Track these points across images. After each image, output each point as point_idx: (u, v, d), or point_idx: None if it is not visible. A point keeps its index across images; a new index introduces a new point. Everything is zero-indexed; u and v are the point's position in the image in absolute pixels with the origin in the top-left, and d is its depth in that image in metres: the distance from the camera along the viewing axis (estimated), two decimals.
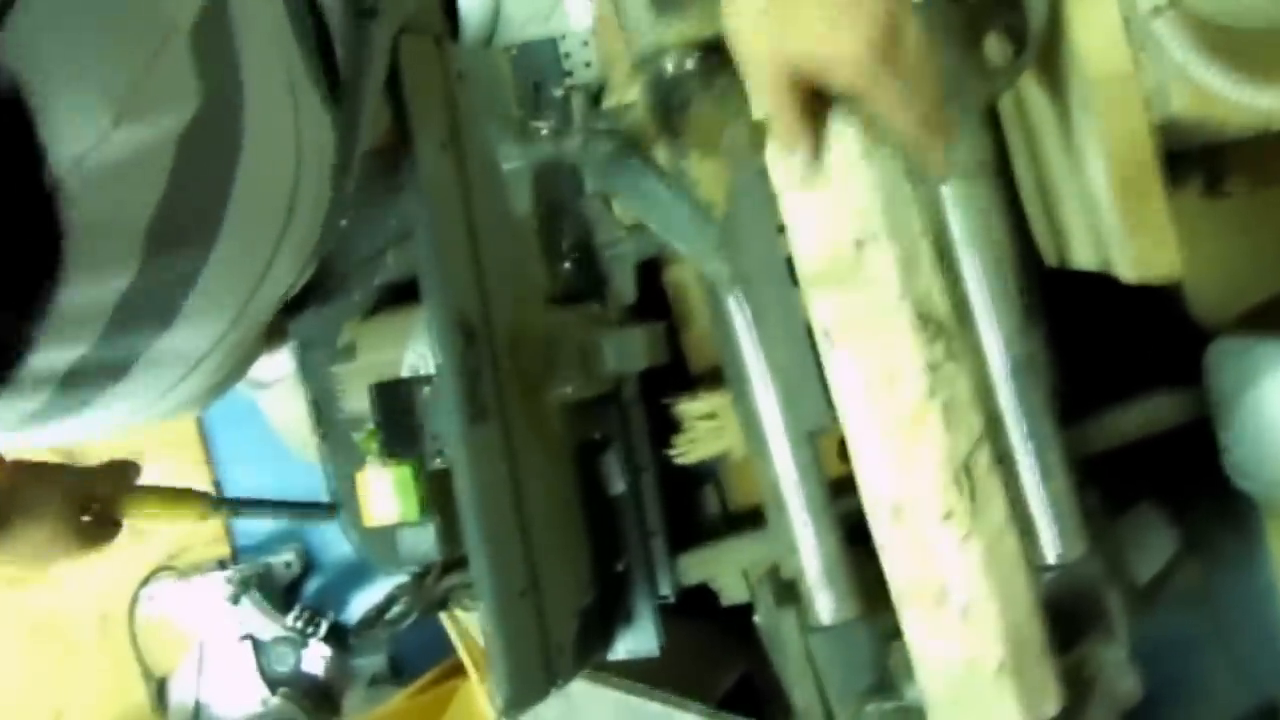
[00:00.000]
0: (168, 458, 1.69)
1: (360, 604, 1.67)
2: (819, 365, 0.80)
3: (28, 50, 0.43)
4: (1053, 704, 0.75)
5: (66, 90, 0.45)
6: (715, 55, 0.88)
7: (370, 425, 1.10)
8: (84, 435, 0.66)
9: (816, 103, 0.64)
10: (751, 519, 1.03)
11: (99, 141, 0.47)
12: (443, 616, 1.41)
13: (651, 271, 1.09)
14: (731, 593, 1.05)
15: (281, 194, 0.65)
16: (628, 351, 1.00)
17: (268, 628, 1.64)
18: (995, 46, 0.84)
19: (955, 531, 0.73)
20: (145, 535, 1.65)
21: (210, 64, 0.54)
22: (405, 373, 1.02)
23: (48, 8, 0.43)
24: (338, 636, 1.64)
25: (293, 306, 1.03)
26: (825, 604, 0.88)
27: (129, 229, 0.52)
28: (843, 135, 0.71)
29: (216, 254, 0.59)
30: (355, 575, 1.70)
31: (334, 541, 1.71)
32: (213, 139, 0.56)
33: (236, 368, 0.75)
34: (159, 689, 1.70)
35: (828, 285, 0.74)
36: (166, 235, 0.53)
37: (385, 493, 1.07)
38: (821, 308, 0.75)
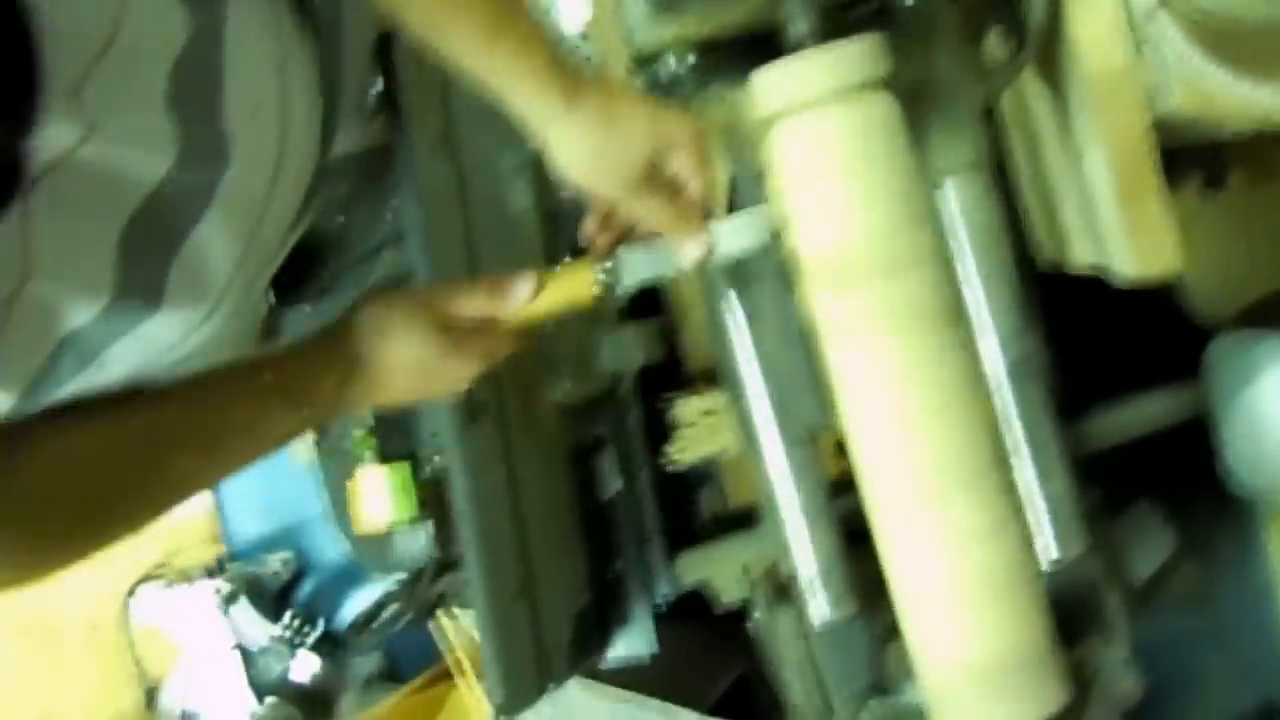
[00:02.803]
0: None
1: (352, 609, 1.65)
2: (815, 365, 0.80)
3: None
4: (1056, 702, 0.74)
5: None
6: (713, 55, 0.87)
7: (365, 427, 1.10)
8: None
9: None
10: (748, 519, 1.03)
11: None
12: (435, 620, 1.41)
13: None
14: (728, 594, 1.04)
15: (271, 108, 0.67)
16: (623, 350, 1.00)
17: (258, 635, 1.62)
18: (994, 44, 0.84)
19: (955, 530, 0.73)
20: (133, 543, 1.63)
21: None
22: None
23: None
24: (329, 643, 1.63)
25: (286, 303, 1.03)
26: (822, 604, 0.87)
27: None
28: (842, 137, 0.71)
29: (228, 173, 0.61)
30: (346, 580, 1.69)
31: (325, 547, 1.70)
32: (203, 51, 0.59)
33: (235, 342, 0.75)
34: (149, 696, 1.68)
35: (829, 283, 0.73)
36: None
37: (380, 495, 1.07)
38: (822, 306, 0.75)
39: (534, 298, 0.76)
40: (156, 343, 0.62)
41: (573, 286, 0.78)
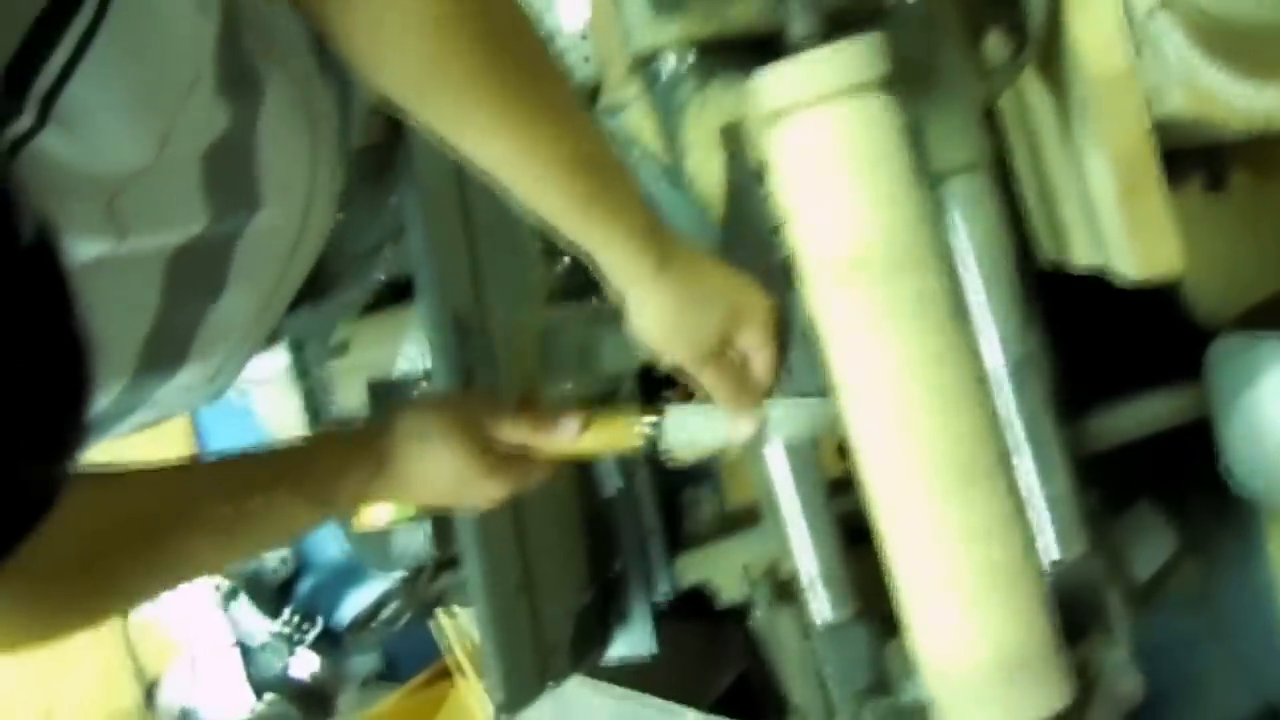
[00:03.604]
0: (159, 458, 1.68)
1: (352, 606, 1.65)
2: (816, 364, 0.80)
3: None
4: (1058, 701, 0.74)
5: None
6: (712, 54, 0.87)
7: None
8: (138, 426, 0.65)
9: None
10: (748, 518, 1.03)
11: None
12: (435, 618, 1.41)
13: None
14: (728, 593, 1.04)
15: (301, 178, 0.67)
16: (625, 350, 0.99)
17: (258, 631, 1.63)
18: (995, 45, 0.83)
19: (957, 528, 0.73)
20: None
21: (233, 81, 0.56)
22: (399, 371, 1.01)
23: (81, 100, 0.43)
24: (329, 639, 1.63)
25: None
26: (823, 604, 0.88)
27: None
28: (842, 137, 0.70)
29: (255, 223, 0.61)
30: (347, 577, 1.69)
31: (325, 543, 1.70)
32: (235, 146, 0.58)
33: (250, 354, 0.75)
34: (148, 692, 1.68)
35: (829, 282, 0.73)
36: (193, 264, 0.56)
37: None
38: (823, 305, 0.75)
39: (577, 437, 0.76)
40: (169, 398, 0.61)
41: (616, 434, 0.78)
